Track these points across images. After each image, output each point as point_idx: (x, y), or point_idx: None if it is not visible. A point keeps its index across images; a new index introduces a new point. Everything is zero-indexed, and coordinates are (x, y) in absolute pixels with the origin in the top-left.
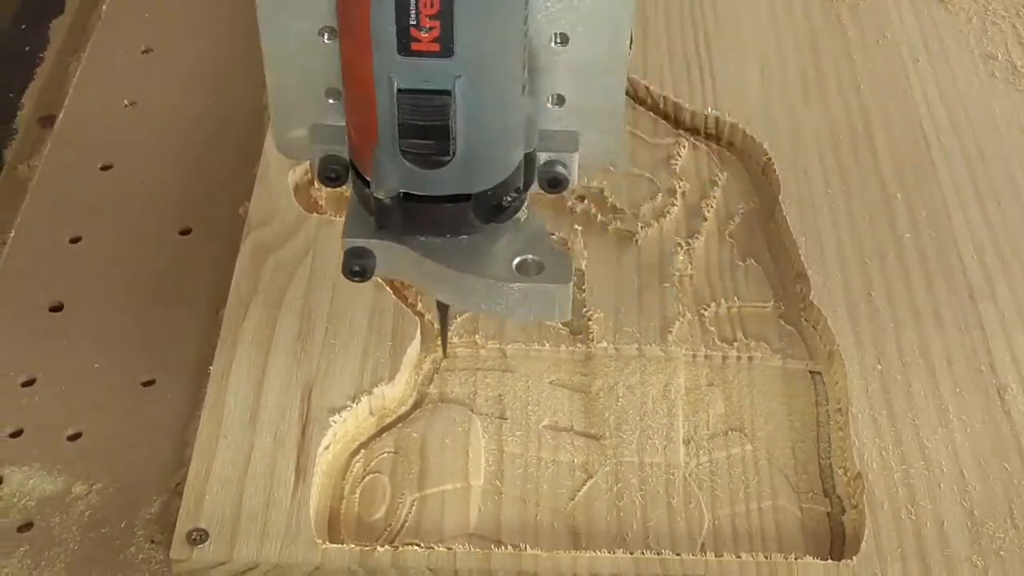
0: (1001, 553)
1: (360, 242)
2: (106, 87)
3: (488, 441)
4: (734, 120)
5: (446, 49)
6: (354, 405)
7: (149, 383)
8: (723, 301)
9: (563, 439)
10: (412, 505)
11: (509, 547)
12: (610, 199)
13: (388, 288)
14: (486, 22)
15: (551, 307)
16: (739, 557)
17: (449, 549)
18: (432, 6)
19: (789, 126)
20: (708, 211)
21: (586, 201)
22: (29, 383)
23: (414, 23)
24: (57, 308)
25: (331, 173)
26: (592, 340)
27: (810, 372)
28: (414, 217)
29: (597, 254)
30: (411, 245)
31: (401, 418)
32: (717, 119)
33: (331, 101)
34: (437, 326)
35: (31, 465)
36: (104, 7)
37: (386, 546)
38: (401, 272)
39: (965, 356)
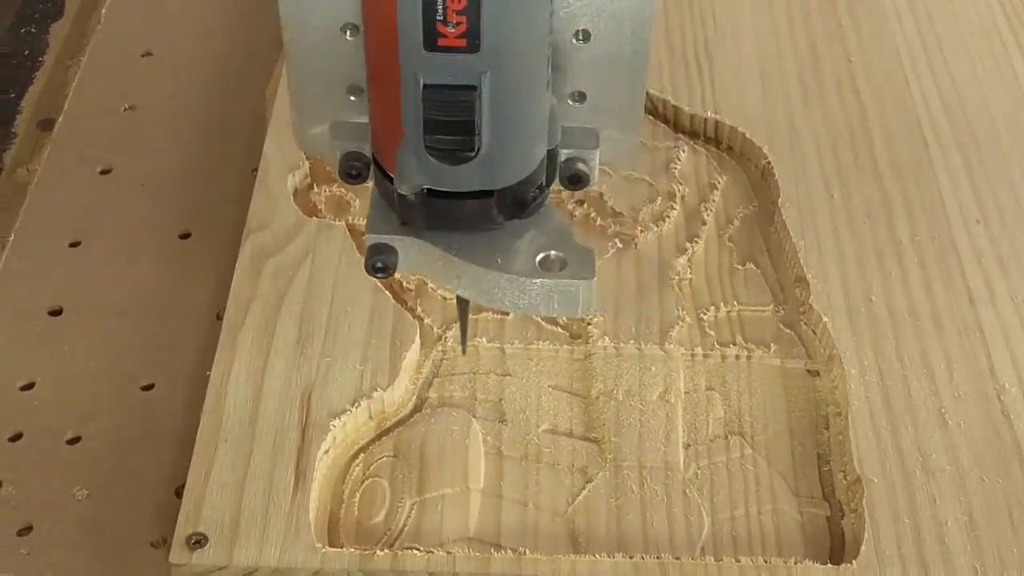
0: (1001, 557)
1: (383, 238)
2: (105, 91)
3: (487, 445)
4: (733, 123)
5: (472, 44)
6: (353, 409)
7: (148, 387)
8: (722, 305)
9: (562, 443)
10: (411, 509)
11: (508, 551)
12: (609, 203)
13: (387, 292)
14: (512, 17)
15: (575, 303)
16: (739, 561)
17: (448, 553)
18: (459, 1)
19: (788, 129)
20: (707, 215)
21: (585, 205)
22: (28, 387)
23: (441, 18)
24: (56, 312)
25: (352, 170)
26: (592, 343)
27: (808, 372)
28: (437, 213)
29: (596, 258)
30: (434, 241)
31: (400, 422)
32: (717, 123)
33: (352, 98)
34: (453, 323)
35: (30, 469)
36: (103, 11)
37: (385, 550)
38: (423, 268)
39: (964, 360)
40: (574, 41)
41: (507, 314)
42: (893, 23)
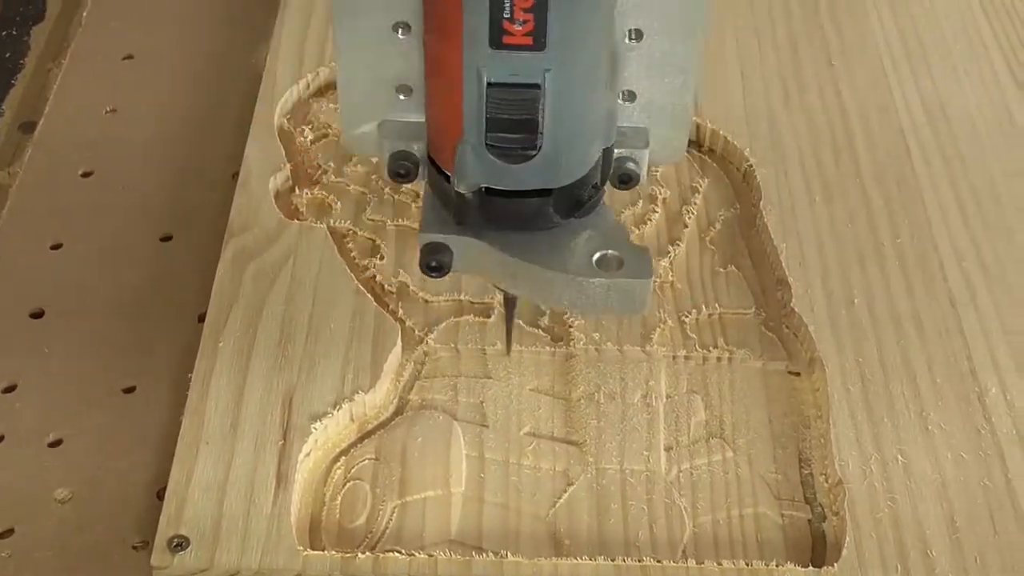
0: (983, 560)
1: (438, 237)
2: (87, 93)
3: (469, 448)
4: (715, 126)
5: (538, 42)
6: (335, 412)
7: (130, 390)
8: (704, 307)
9: (544, 446)
10: (393, 512)
11: (490, 554)
12: None
13: (369, 295)
14: (577, 15)
15: (632, 302)
16: (720, 564)
17: (430, 556)
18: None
19: (770, 132)
20: (689, 218)
21: None
22: (10, 389)
23: (508, 16)
24: (38, 315)
25: (401, 169)
26: (573, 345)
27: (790, 375)
28: (494, 212)
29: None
30: (490, 240)
31: (382, 425)
32: (698, 125)
33: (402, 97)
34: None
35: (12, 471)
36: (85, 13)
37: (367, 553)
38: (477, 267)
39: (946, 362)
40: (626, 40)
41: (488, 317)
42: (875, 26)
